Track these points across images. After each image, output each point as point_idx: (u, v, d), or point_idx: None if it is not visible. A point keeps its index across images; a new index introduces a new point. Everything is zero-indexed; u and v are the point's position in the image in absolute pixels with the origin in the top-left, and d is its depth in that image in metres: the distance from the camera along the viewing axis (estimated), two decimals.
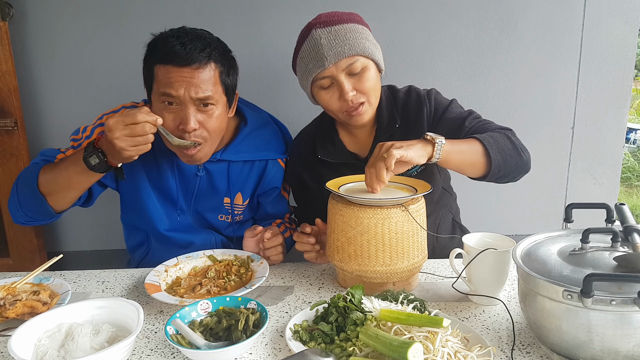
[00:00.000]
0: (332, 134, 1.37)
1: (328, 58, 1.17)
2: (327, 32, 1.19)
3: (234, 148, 1.35)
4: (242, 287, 1.10)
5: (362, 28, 1.23)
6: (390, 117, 1.32)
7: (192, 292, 1.11)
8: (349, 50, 1.17)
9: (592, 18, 2.23)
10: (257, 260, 1.21)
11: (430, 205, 1.19)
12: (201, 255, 1.25)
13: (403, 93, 1.37)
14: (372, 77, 1.22)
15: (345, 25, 1.20)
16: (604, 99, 2.32)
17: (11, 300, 1.03)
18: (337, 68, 1.19)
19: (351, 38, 1.18)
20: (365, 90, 1.22)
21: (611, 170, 2.42)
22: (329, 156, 1.35)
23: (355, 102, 1.21)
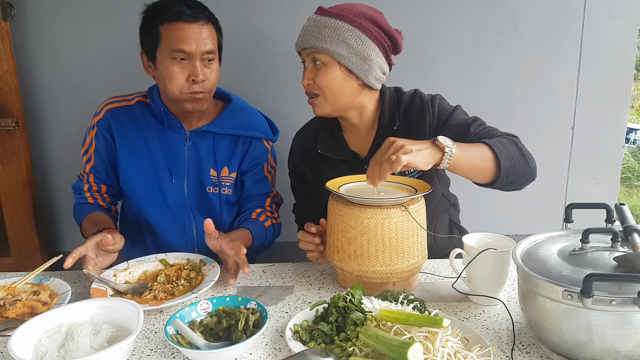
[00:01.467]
0: (335, 130, 1.38)
1: (299, 40, 1.26)
2: (313, 19, 1.25)
3: (220, 122, 1.45)
4: (190, 291, 1.08)
5: (348, 28, 1.21)
6: (391, 119, 1.32)
7: (139, 298, 1.09)
8: (314, 43, 1.21)
9: (592, 18, 2.23)
10: (209, 264, 1.20)
11: (427, 210, 1.19)
12: (153, 259, 1.23)
13: (408, 96, 1.36)
14: (329, 76, 1.24)
15: (329, 20, 1.22)
16: (604, 99, 2.32)
17: (11, 300, 1.03)
18: (304, 52, 1.26)
19: (322, 33, 1.21)
20: (320, 86, 1.24)
21: (611, 170, 2.42)
22: (328, 151, 1.35)
23: (308, 91, 1.28)
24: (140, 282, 1.15)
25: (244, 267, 1.13)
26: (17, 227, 2.30)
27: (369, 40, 1.22)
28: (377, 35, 1.23)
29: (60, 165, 2.42)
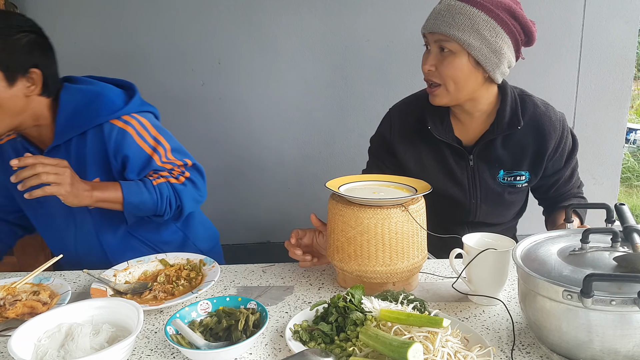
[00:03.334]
0: (443, 113, 1.32)
1: (427, 24, 1.19)
2: (446, 3, 1.17)
3: (61, 131, 1.26)
4: (190, 292, 1.08)
5: (484, 18, 1.15)
6: (513, 117, 1.27)
7: (139, 298, 1.09)
8: (444, 29, 1.15)
9: (592, 18, 2.23)
10: (209, 264, 1.20)
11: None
12: (153, 259, 1.23)
13: (539, 103, 1.32)
14: (455, 65, 1.18)
15: (465, 6, 1.15)
16: (604, 99, 2.32)
17: (11, 300, 1.03)
18: (431, 37, 1.19)
19: (455, 19, 1.14)
20: (443, 74, 1.19)
21: (611, 170, 2.42)
22: (437, 132, 1.30)
23: (428, 78, 1.22)
24: (140, 282, 1.16)
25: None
26: None
27: (504, 32, 1.17)
28: (512, 28, 1.18)
29: None
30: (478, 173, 1.31)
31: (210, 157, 2.44)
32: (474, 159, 1.30)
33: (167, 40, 2.27)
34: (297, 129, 2.40)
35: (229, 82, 2.34)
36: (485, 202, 1.34)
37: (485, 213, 1.36)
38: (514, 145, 1.29)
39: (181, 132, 2.40)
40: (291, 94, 2.36)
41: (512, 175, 1.31)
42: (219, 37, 2.28)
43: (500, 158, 1.30)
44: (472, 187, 1.32)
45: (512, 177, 1.31)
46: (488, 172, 1.31)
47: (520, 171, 1.31)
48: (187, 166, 1.39)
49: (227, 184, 2.48)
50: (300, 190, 2.47)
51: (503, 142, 1.29)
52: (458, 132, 1.32)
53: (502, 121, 1.26)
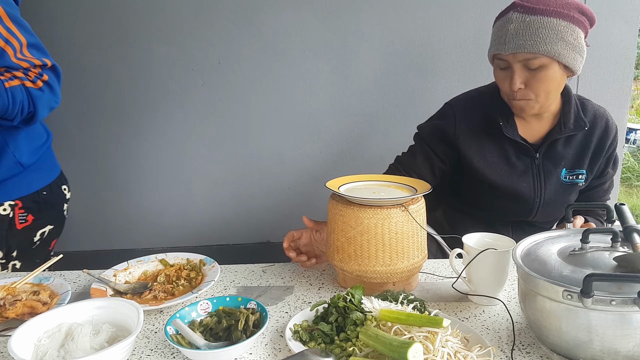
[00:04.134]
0: (509, 112, 1.33)
1: (507, 46, 1.17)
2: (520, 19, 1.15)
3: None
4: (190, 291, 1.09)
5: (564, 25, 1.15)
6: (577, 118, 1.30)
7: (139, 298, 1.09)
8: (531, 47, 1.14)
9: None
10: (209, 264, 1.20)
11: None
12: (153, 259, 1.23)
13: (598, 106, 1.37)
14: (548, 78, 1.19)
15: (542, 18, 1.14)
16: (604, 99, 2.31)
17: (11, 300, 1.03)
18: (514, 57, 1.18)
19: (539, 35, 1.14)
20: (536, 89, 1.20)
21: None
22: (505, 130, 1.31)
23: (520, 96, 1.21)
24: (140, 282, 1.16)
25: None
26: None
27: (580, 30, 1.19)
28: (584, 24, 1.20)
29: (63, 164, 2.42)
30: (543, 171, 1.33)
31: (210, 157, 2.44)
32: (540, 157, 1.32)
33: (167, 40, 2.27)
34: (297, 129, 2.40)
35: (229, 82, 2.34)
36: (549, 200, 1.35)
37: (544, 212, 1.36)
38: (576, 144, 1.33)
39: (181, 132, 2.40)
40: (291, 94, 2.36)
41: (574, 174, 1.34)
42: (219, 37, 2.28)
43: (564, 157, 1.33)
44: (537, 184, 1.33)
45: (574, 175, 1.34)
46: (553, 171, 1.33)
47: (581, 169, 1.34)
48: (45, 67, 1.27)
49: (227, 184, 2.48)
50: (300, 190, 2.47)
51: (566, 142, 1.33)
52: (522, 131, 1.34)
53: (568, 122, 1.30)
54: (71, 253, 2.47)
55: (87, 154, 2.41)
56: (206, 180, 2.47)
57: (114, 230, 2.52)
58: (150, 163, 2.44)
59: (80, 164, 2.42)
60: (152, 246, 2.50)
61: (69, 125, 2.36)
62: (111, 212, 2.50)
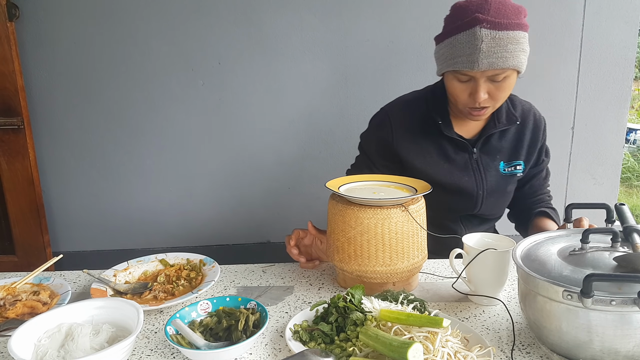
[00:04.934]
0: (444, 112, 1.35)
1: (479, 64, 1.14)
2: (490, 37, 1.13)
3: None
4: (190, 292, 1.09)
5: (523, 36, 1.17)
6: (509, 114, 1.36)
7: (139, 298, 1.09)
8: (503, 64, 1.14)
9: (592, 18, 2.23)
10: (210, 264, 1.20)
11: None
12: (153, 260, 1.23)
13: (525, 102, 1.43)
14: (509, 86, 1.21)
15: (510, 33, 1.14)
16: (604, 99, 2.32)
17: (11, 300, 1.03)
18: (482, 73, 1.17)
19: (510, 50, 1.14)
20: (497, 97, 1.22)
21: (611, 170, 2.42)
22: (443, 128, 1.33)
23: (482, 105, 1.22)
24: (140, 282, 1.16)
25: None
26: (21, 225, 2.31)
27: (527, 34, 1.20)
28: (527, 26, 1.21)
29: (64, 165, 2.42)
30: (482, 164, 1.37)
31: (211, 157, 2.44)
32: (477, 152, 1.36)
33: (167, 40, 2.27)
34: (297, 129, 2.40)
35: (229, 82, 2.34)
36: (491, 191, 1.39)
37: (489, 204, 1.40)
38: (510, 138, 1.38)
39: (181, 132, 2.40)
40: (291, 94, 2.36)
41: (512, 165, 1.39)
42: (219, 37, 2.28)
43: (500, 150, 1.38)
44: (478, 177, 1.37)
45: (512, 167, 1.39)
46: (491, 164, 1.38)
47: (518, 161, 1.39)
48: None
49: (227, 184, 2.48)
50: (300, 190, 2.47)
51: (500, 136, 1.38)
52: (458, 129, 1.37)
53: (501, 117, 1.35)
54: (71, 253, 2.47)
55: (87, 154, 2.41)
56: (206, 180, 2.47)
57: (114, 230, 2.52)
58: (150, 163, 2.44)
59: (80, 163, 2.43)
60: (152, 246, 2.50)
61: (69, 125, 2.36)
62: (111, 212, 2.51)
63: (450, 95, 1.29)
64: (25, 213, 2.28)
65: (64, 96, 2.31)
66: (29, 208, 2.27)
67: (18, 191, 2.25)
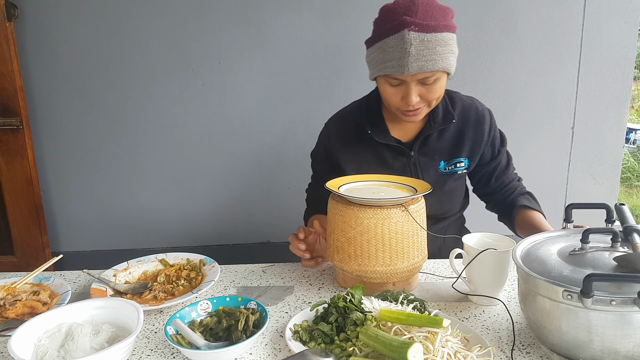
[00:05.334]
0: (379, 118, 1.36)
1: (410, 68, 1.13)
2: (419, 40, 1.11)
3: None
4: (190, 292, 1.09)
5: (451, 37, 1.16)
6: (446, 112, 1.34)
7: (139, 298, 1.09)
8: (432, 67, 1.13)
9: (592, 18, 2.23)
10: (210, 264, 1.20)
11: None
12: (153, 259, 1.23)
13: (465, 97, 1.40)
14: (441, 87, 1.21)
15: (438, 35, 1.13)
16: (604, 99, 2.32)
17: (11, 300, 1.03)
18: (413, 77, 1.16)
19: (439, 53, 1.13)
20: (430, 99, 1.21)
21: (611, 170, 2.42)
22: (374, 135, 1.33)
23: (415, 107, 1.22)
24: (140, 282, 1.16)
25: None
26: (20, 225, 2.31)
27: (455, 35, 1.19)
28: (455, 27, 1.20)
29: (63, 165, 2.42)
30: (420, 167, 1.36)
31: (210, 157, 2.44)
32: (415, 155, 1.35)
33: (167, 40, 2.27)
34: (297, 129, 2.40)
35: (229, 82, 2.34)
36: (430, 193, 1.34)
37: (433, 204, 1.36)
38: (449, 137, 1.36)
39: (181, 132, 2.40)
40: (291, 94, 2.36)
41: (453, 164, 1.37)
42: (219, 37, 2.28)
43: (439, 150, 1.36)
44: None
45: (453, 165, 1.37)
46: (430, 165, 1.36)
47: (459, 158, 1.37)
48: None
49: (227, 184, 2.48)
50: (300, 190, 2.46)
51: (439, 136, 1.35)
52: (395, 133, 1.36)
53: (437, 117, 1.33)
54: (71, 253, 2.47)
55: (86, 154, 2.41)
56: (206, 180, 2.47)
57: (114, 230, 2.52)
58: (151, 163, 2.44)
59: (80, 163, 2.43)
60: (152, 246, 2.50)
61: (69, 125, 2.36)
62: (111, 212, 2.50)
63: (384, 99, 1.28)
64: (24, 213, 2.27)
65: (63, 96, 2.31)
66: (28, 208, 2.27)
67: (17, 191, 2.25)
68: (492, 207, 1.52)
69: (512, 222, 1.42)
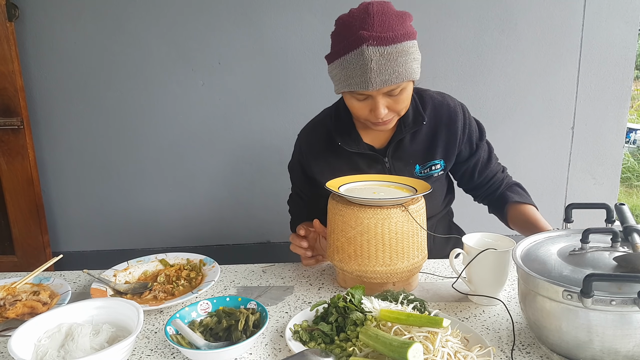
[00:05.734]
0: (349, 127, 1.33)
1: (374, 84, 1.10)
2: (379, 54, 1.08)
3: None
4: (190, 292, 1.09)
5: (412, 45, 1.13)
6: (416, 114, 1.30)
7: (139, 298, 1.09)
8: (397, 79, 1.11)
9: (592, 18, 2.23)
10: (209, 264, 1.20)
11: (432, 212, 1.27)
12: (153, 260, 1.23)
13: (436, 94, 1.36)
14: (408, 96, 1.19)
15: (398, 46, 1.09)
16: (604, 99, 2.32)
17: (11, 300, 1.03)
18: (378, 91, 1.14)
19: (401, 63, 1.10)
20: (398, 108, 1.19)
21: (611, 170, 2.42)
22: (347, 145, 1.30)
23: (384, 119, 1.20)
24: (140, 282, 1.16)
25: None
26: (21, 225, 2.31)
27: (416, 41, 1.17)
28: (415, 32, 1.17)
29: (64, 165, 2.42)
30: (395, 172, 1.33)
31: (211, 157, 2.44)
32: (389, 160, 1.32)
33: (167, 40, 2.27)
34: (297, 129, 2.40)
35: (229, 82, 2.34)
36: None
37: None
38: (423, 139, 1.32)
39: (181, 132, 2.40)
40: (291, 94, 2.36)
41: (428, 167, 1.34)
42: (219, 37, 2.28)
43: (413, 154, 1.33)
44: None
45: (428, 167, 1.34)
46: (405, 169, 1.33)
47: (434, 161, 1.33)
48: None
49: (227, 184, 2.48)
50: None
51: (412, 138, 1.32)
52: (368, 139, 1.33)
53: (407, 120, 1.29)
54: (71, 253, 2.47)
55: (87, 154, 2.41)
56: (206, 180, 2.47)
57: (114, 230, 2.52)
58: (151, 163, 2.44)
59: (80, 163, 2.43)
60: (152, 246, 2.50)
61: (69, 125, 2.36)
62: (111, 212, 2.50)
63: (352, 113, 1.25)
64: (24, 213, 2.28)
65: (64, 96, 2.31)
66: (29, 208, 2.27)
67: (18, 191, 2.25)
68: (480, 200, 1.49)
69: (504, 217, 1.39)
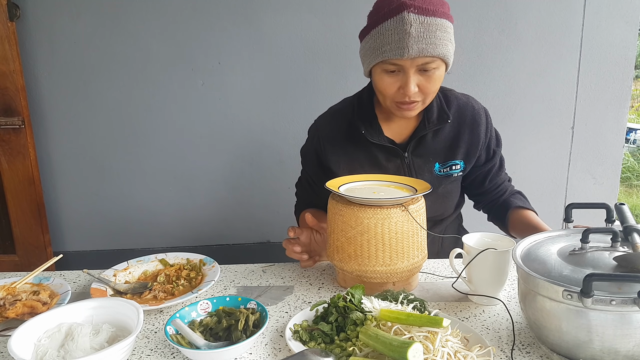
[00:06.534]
0: (371, 117, 1.31)
1: (410, 50, 1.07)
2: (419, 21, 1.07)
3: None
4: (190, 291, 1.09)
5: (450, 27, 1.13)
6: (441, 111, 1.29)
7: (139, 298, 1.09)
8: (433, 51, 1.08)
9: (592, 18, 2.23)
10: (209, 264, 1.20)
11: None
12: (152, 259, 1.23)
13: (461, 95, 1.35)
14: (439, 79, 1.17)
15: (438, 20, 1.08)
16: (604, 99, 2.32)
17: (11, 300, 1.03)
18: (412, 62, 1.10)
19: (439, 37, 1.09)
20: (428, 91, 1.17)
21: (611, 170, 2.42)
22: (369, 135, 1.29)
23: (412, 99, 1.17)
24: (140, 282, 1.16)
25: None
26: (22, 224, 2.31)
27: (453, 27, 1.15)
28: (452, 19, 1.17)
29: (65, 164, 2.42)
30: (414, 169, 1.32)
31: (211, 157, 2.44)
32: (409, 156, 1.31)
33: (167, 40, 2.27)
34: (297, 129, 2.40)
35: (229, 82, 2.34)
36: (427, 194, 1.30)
37: (427, 208, 1.32)
38: (445, 138, 1.31)
39: (181, 132, 2.40)
40: (291, 94, 2.37)
41: (448, 166, 1.33)
42: (219, 37, 2.28)
43: (434, 152, 1.32)
44: None
45: (448, 167, 1.33)
46: (424, 167, 1.32)
47: (455, 160, 1.33)
48: None
49: (227, 184, 2.48)
50: None
51: (434, 136, 1.31)
52: (389, 133, 1.32)
53: (432, 117, 1.28)
54: (71, 253, 2.47)
55: (87, 154, 2.41)
56: (206, 180, 2.47)
57: (114, 230, 2.52)
58: (150, 163, 2.44)
59: (81, 163, 2.43)
60: (152, 246, 2.50)
61: (70, 124, 2.36)
62: (111, 212, 2.51)
63: (379, 92, 1.22)
64: (25, 212, 2.28)
65: (65, 96, 2.31)
66: (30, 207, 2.27)
67: (19, 191, 2.26)
68: (481, 207, 1.48)
69: (505, 224, 1.38)
